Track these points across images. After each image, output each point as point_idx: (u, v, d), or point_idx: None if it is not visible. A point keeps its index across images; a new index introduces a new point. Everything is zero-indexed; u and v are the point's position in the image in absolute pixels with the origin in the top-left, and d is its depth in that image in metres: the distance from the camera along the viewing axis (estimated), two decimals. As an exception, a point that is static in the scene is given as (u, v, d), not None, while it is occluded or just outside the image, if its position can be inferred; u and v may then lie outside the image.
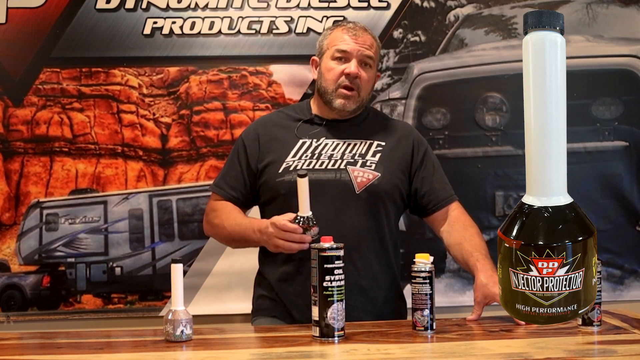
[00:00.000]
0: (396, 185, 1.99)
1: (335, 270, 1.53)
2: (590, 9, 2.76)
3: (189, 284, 2.59)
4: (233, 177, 2.04)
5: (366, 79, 1.99)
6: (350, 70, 1.96)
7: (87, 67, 2.64)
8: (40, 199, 2.62)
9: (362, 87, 1.99)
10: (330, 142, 2.01)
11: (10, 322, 2.61)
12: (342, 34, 2.00)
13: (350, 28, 2.01)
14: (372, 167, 1.97)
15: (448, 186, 2.07)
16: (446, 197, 2.04)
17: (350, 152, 1.99)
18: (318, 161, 1.96)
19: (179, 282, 1.58)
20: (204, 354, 1.47)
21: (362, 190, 1.94)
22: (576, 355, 1.39)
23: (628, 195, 2.75)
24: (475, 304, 1.79)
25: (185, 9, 2.65)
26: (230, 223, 1.99)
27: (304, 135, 2.02)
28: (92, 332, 1.80)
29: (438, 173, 2.07)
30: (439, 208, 2.02)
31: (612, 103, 2.75)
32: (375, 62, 2.03)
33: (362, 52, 1.98)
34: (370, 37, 2.03)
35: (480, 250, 1.89)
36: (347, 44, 1.98)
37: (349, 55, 1.98)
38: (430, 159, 2.07)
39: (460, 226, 1.99)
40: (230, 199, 2.04)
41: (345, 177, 1.94)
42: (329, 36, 2.04)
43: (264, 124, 2.09)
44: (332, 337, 1.52)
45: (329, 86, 2.00)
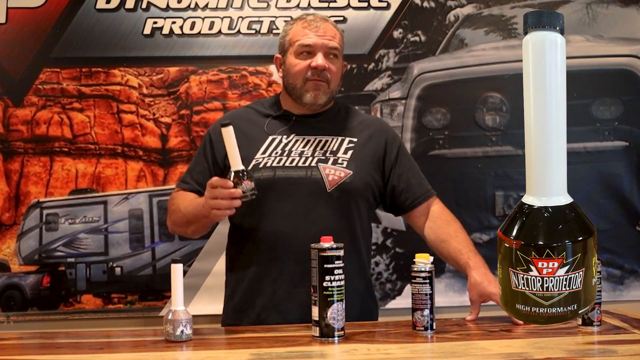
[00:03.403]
0: (368, 183, 1.95)
1: (335, 270, 1.53)
2: (590, 9, 2.76)
3: (189, 284, 2.59)
4: (199, 172, 1.97)
5: (334, 70, 1.95)
6: (317, 64, 1.91)
7: (87, 67, 2.64)
8: (40, 199, 2.62)
9: (332, 79, 1.94)
10: (301, 139, 1.95)
11: (10, 322, 2.61)
12: (303, 29, 1.95)
13: (311, 21, 1.95)
14: (343, 164, 1.91)
15: (425, 181, 2.03)
16: (424, 192, 1.99)
17: (321, 149, 1.93)
18: (288, 158, 1.91)
19: (179, 282, 1.58)
20: (204, 354, 1.47)
21: (333, 189, 1.88)
22: (576, 355, 1.39)
23: (628, 195, 2.75)
24: (472, 304, 1.78)
25: (185, 9, 2.65)
26: (184, 205, 1.91)
27: (273, 132, 1.96)
28: (92, 332, 1.80)
29: (413, 168, 2.02)
30: (417, 204, 1.98)
31: (612, 103, 2.75)
32: (340, 52, 1.97)
33: (326, 44, 1.93)
34: (332, 27, 1.97)
35: (468, 247, 1.87)
36: (309, 38, 1.93)
37: (313, 49, 1.92)
38: (405, 154, 2.03)
39: (443, 222, 1.96)
40: (195, 193, 1.95)
41: (317, 175, 1.89)
42: (290, 32, 1.98)
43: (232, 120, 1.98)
44: (332, 337, 1.52)
45: (297, 82, 1.94)
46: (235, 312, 1.94)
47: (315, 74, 1.92)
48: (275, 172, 1.88)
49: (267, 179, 1.87)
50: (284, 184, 1.85)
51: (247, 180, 1.71)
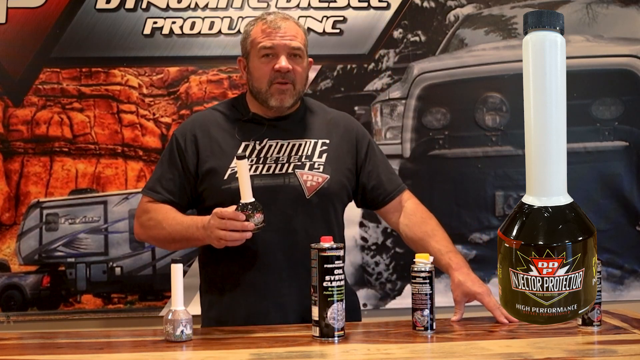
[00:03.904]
0: (344, 185, 1.94)
1: (335, 270, 1.53)
2: (590, 9, 2.76)
3: (189, 284, 2.58)
4: (170, 180, 1.90)
5: (299, 71, 1.90)
6: (280, 66, 1.85)
7: (87, 67, 2.64)
8: (40, 199, 2.62)
9: (297, 80, 1.89)
10: (274, 143, 1.91)
11: (10, 322, 2.61)
12: (264, 30, 1.89)
13: (271, 21, 1.89)
14: (320, 169, 1.89)
15: (395, 176, 2.02)
16: (395, 187, 1.98)
17: (296, 154, 1.90)
18: (265, 165, 1.88)
19: (179, 282, 1.58)
20: (204, 354, 1.47)
21: (312, 195, 1.87)
22: (576, 355, 1.39)
23: (628, 195, 2.75)
24: (456, 304, 1.79)
25: (185, 9, 2.65)
26: (169, 223, 1.85)
27: (246, 138, 1.90)
28: (92, 332, 1.80)
29: (383, 164, 2.01)
30: (389, 200, 1.98)
31: (612, 103, 2.75)
32: (304, 51, 1.91)
33: (288, 45, 1.87)
34: (294, 26, 1.92)
35: (448, 247, 1.87)
36: (270, 39, 1.87)
37: (275, 51, 1.87)
38: (374, 150, 2.01)
39: (418, 219, 1.95)
40: (168, 203, 1.90)
41: (295, 181, 1.86)
42: (251, 33, 1.92)
43: (201, 125, 1.94)
44: (332, 337, 1.52)
45: (261, 86, 1.89)
46: (216, 323, 1.88)
47: (280, 77, 1.87)
48: (252, 181, 1.79)
49: None
50: (262, 192, 1.79)
51: (258, 213, 1.69)
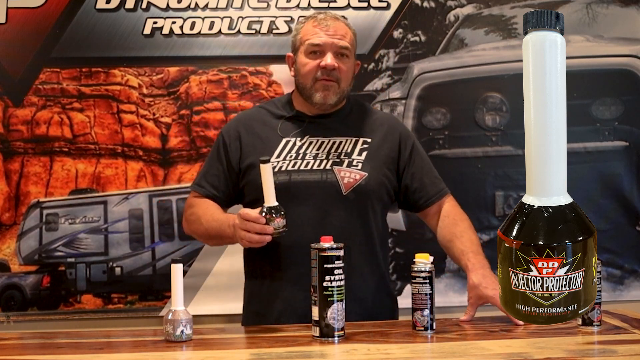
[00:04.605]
0: (383, 184, 1.95)
1: (335, 270, 1.53)
2: (590, 9, 2.76)
3: (189, 284, 2.59)
4: (214, 176, 1.97)
5: (345, 69, 1.93)
6: (326, 63, 1.89)
7: (87, 67, 2.64)
8: (40, 199, 2.62)
9: (342, 78, 1.93)
10: (315, 141, 1.95)
11: (10, 322, 2.61)
12: (314, 28, 1.93)
13: (322, 20, 1.94)
14: (358, 166, 1.92)
15: (438, 179, 2.02)
16: (437, 192, 1.99)
17: (335, 151, 1.93)
18: (303, 161, 1.91)
19: (179, 282, 1.58)
20: (204, 354, 1.47)
21: (349, 191, 1.89)
22: (576, 355, 1.39)
23: (628, 195, 2.75)
24: (469, 305, 1.78)
25: (185, 9, 2.65)
26: (207, 219, 1.91)
27: (287, 134, 1.95)
28: (92, 332, 1.80)
29: (427, 167, 2.02)
30: (430, 204, 1.99)
31: (612, 103, 2.75)
32: (352, 51, 1.96)
33: (336, 44, 1.91)
34: (343, 25, 1.96)
35: (471, 248, 1.87)
36: (319, 37, 1.91)
37: (322, 48, 1.91)
38: (419, 153, 2.02)
39: (450, 222, 1.96)
40: (211, 197, 1.97)
41: (332, 177, 1.89)
42: (301, 31, 1.97)
43: (246, 122, 2.01)
44: (332, 337, 1.52)
45: (306, 82, 1.93)
46: (255, 316, 1.94)
47: (325, 74, 1.91)
48: (290, 176, 1.88)
49: (282, 182, 1.87)
50: (299, 187, 1.85)
51: (279, 218, 1.71)
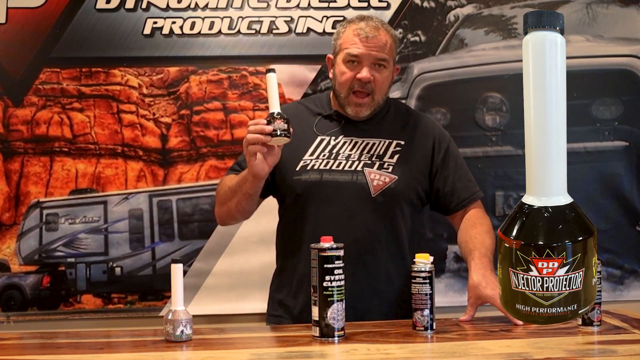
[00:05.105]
0: (413, 187, 1.96)
1: (335, 270, 1.54)
2: (590, 9, 2.76)
3: (189, 284, 2.59)
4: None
5: (380, 80, 1.94)
6: (362, 76, 1.91)
7: (87, 67, 2.64)
8: (40, 199, 2.62)
9: (377, 90, 1.94)
10: (349, 141, 1.97)
11: (10, 322, 2.61)
12: (353, 37, 1.93)
13: (362, 29, 1.93)
14: (389, 169, 1.93)
15: (472, 183, 2.03)
16: (468, 196, 2.01)
17: (368, 153, 1.95)
18: (335, 161, 1.94)
19: (179, 282, 1.59)
20: (204, 354, 1.47)
21: (377, 194, 1.91)
22: (576, 355, 1.39)
23: (628, 195, 2.75)
24: (469, 305, 1.78)
25: (185, 9, 2.65)
26: (231, 180, 1.95)
27: (322, 132, 1.98)
28: (92, 332, 1.80)
29: (461, 170, 2.03)
30: (460, 208, 2.01)
31: (612, 103, 2.75)
32: (390, 61, 1.96)
33: (373, 56, 1.92)
34: (385, 35, 1.94)
35: (479, 249, 1.88)
36: (357, 47, 1.92)
37: (360, 59, 1.92)
38: (453, 156, 2.03)
39: (469, 224, 1.97)
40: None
41: (362, 179, 1.91)
42: (342, 35, 1.98)
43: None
44: (332, 337, 1.52)
45: (341, 90, 1.96)
46: (280, 305, 1.98)
47: (360, 86, 1.93)
48: (322, 175, 1.91)
49: (314, 181, 1.91)
50: (329, 187, 1.88)
51: (279, 120, 1.74)
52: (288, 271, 1.98)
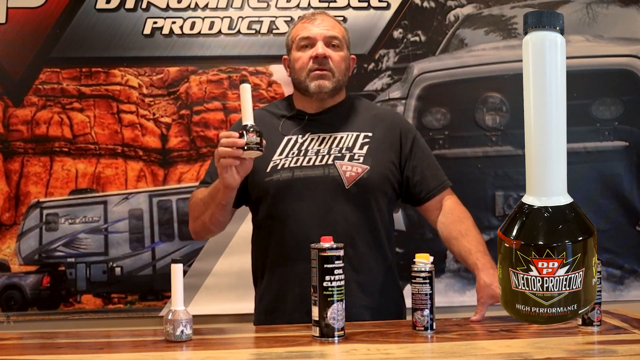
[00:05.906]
0: (386, 177, 1.95)
1: (335, 270, 1.53)
2: (590, 9, 2.76)
3: (189, 284, 2.59)
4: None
5: (337, 58, 1.96)
6: (317, 52, 1.93)
7: (87, 67, 2.64)
8: (40, 199, 2.62)
9: (335, 67, 1.95)
10: (316, 137, 1.97)
11: (10, 322, 2.61)
12: (303, 24, 1.99)
13: (309, 16, 2.00)
14: (360, 160, 1.92)
15: (440, 172, 2.03)
16: (438, 185, 2.00)
17: (337, 146, 1.95)
18: (305, 158, 1.93)
19: (179, 282, 1.58)
20: (204, 354, 1.47)
21: (351, 185, 1.90)
22: (576, 355, 1.39)
23: (628, 195, 2.75)
24: (479, 305, 1.77)
25: (185, 9, 2.65)
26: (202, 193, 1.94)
27: (288, 132, 1.98)
28: (92, 332, 1.80)
29: (428, 159, 2.03)
30: (430, 197, 1.99)
31: (612, 103, 2.75)
32: (343, 43, 1.99)
33: (324, 34, 1.95)
34: (332, 20, 2.00)
35: (478, 247, 1.87)
36: (308, 30, 1.96)
37: (312, 40, 1.95)
38: (420, 146, 2.03)
39: (455, 219, 1.96)
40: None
41: (334, 172, 1.90)
42: (292, 31, 2.02)
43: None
44: (332, 337, 1.52)
45: (301, 75, 1.96)
46: (266, 314, 1.95)
47: (317, 63, 1.93)
48: (293, 173, 1.90)
49: (285, 179, 1.89)
50: (302, 183, 1.87)
51: (251, 134, 1.72)
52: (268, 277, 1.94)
